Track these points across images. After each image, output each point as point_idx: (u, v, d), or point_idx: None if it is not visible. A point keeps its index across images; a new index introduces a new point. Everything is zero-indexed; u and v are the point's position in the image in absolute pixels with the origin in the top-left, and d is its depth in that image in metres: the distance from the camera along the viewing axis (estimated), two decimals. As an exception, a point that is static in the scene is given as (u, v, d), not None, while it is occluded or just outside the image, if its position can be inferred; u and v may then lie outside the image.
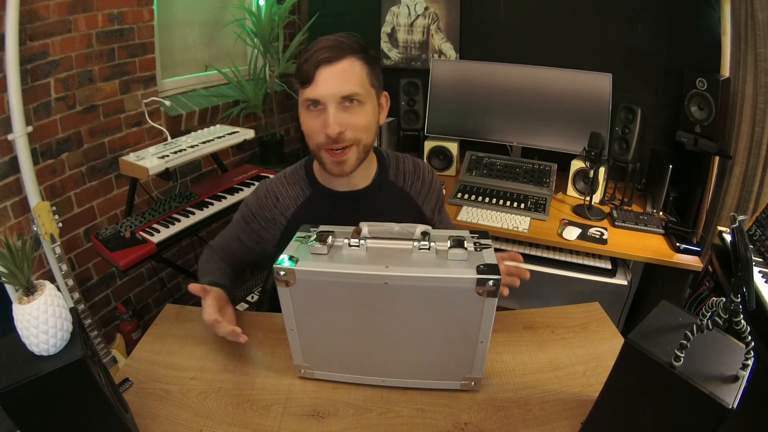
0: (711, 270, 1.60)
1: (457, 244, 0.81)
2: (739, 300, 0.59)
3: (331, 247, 0.84)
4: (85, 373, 0.66)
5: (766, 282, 1.28)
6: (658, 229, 1.81)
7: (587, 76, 2.05)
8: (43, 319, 0.64)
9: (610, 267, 1.82)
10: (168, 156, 1.67)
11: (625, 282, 1.79)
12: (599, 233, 1.80)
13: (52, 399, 0.66)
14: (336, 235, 0.86)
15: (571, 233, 1.79)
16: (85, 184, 1.79)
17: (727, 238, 1.52)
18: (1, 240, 0.65)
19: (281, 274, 0.79)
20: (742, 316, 0.60)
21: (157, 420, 0.84)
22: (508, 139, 2.26)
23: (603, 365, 0.95)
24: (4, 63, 1.40)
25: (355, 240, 0.83)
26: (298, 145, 2.92)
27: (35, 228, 1.42)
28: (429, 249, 0.82)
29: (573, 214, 1.97)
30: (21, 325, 0.65)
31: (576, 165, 2.06)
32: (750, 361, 0.61)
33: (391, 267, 0.77)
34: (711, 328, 0.61)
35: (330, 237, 0.84)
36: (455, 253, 0.79)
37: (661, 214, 1.90)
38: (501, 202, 1.99)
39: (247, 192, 1.92)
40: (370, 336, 0.85)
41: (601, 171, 1.96)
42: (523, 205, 1.97)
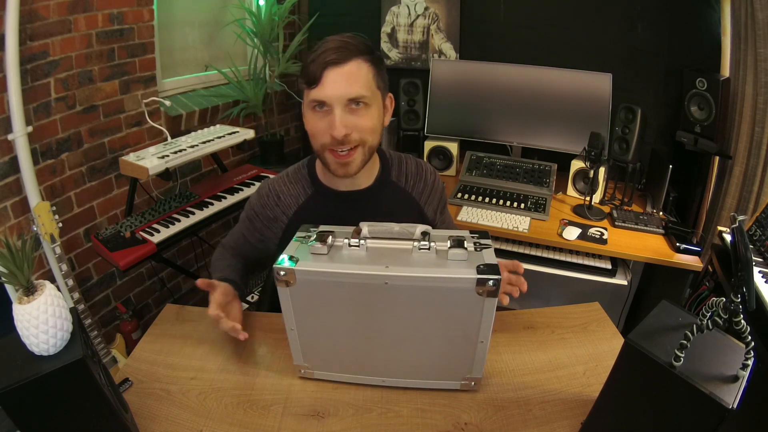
0: (711, 270, 1.60)
1: (457, 244, 0.81)
2: (739, 300, 0.59)
3: (331, 247, 0.84)
4: (85, 373, 0.66)
5: (766, 282, 1.28)
6: (658, 229, 1.81)
7: (587, 76, 2.05)
8: (43, 319, 0.64)
9: (610, 267, 1.82)
10: (168, 156, 1.67)
11: (625, 282, 1.79)
12: (599, 233, 1.80)
13: (52, 399, 0.66)
14: (336, 235, 0.86)
15: (571, 233, 1.79)
16: (85, 184, 1.79)
17: (727, 238, 1.52)
18: (1, 240, 0.65)
19: (281, 274, 0.79)
20: (742, 316, 0.60)
21: (157, 420, 0.84)
22: (508, 139, 2.26)
23: (603, 365, 0.95)
24: (4, 63, 1.40)
25: (355, 240, 0.83)
26: (298, 145, 2.92)
27: (35, 228, 1.42)
28: (429, 249, 0.82)
29: (573, 214, 1.97)
30: (21, 325, 0.65)
31: (576, 165, 2.06)
32: (750, 361, 0.61)
33: (391, 267, 0.77)
34: (711, 328, 0.61)
35: (330, 237, 0.84)
36: (455, 253, 0.79)
37: (661, 214, 1.90)
38: (501, 202, 1.99)
39: (247, 192, 1.92)
40: (370, 336, 0.85)
41: (601, 171, 1.96)
42: (523, 205, 1.97)
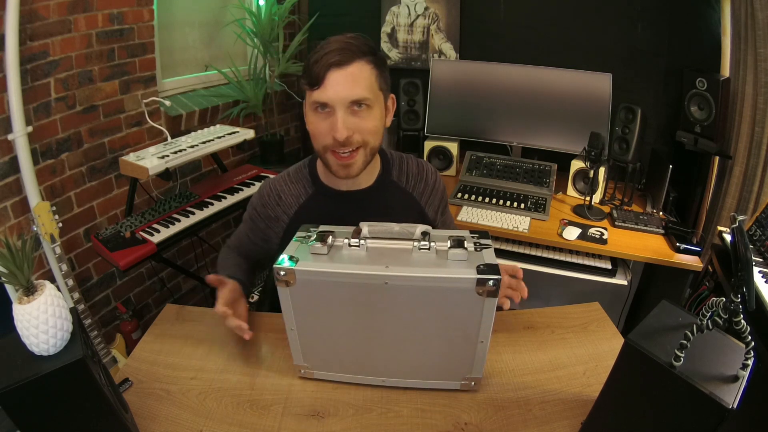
0: (711, 270, 1.60)
1: (457, 244, 0.81)
2: (739, 300, 0.59)
3: (331, 247, 0.84)
4: (85, 373, 0.66)
5: (766, 282, 1.28)
6: (658, 229, 1.81)
7: (587, 76, 2.05)
8: (43, 319, 0.64)
9: (610, 267, 1.82)
10: (168, 156, 1.67)
11: (625, 282, 1.79)
12: (599, 233, 1.80)
13: (52, 399, 0.66)
14: (336, 235, 0.86)
15: (571, 233, 1.79)
16: (85, 184, 1.79)
17: (727, 238, 1.52)
18: (1, 240, 0.65)
19: (281, 274, 0.79)
20: (742, 316, 0.60)
21: (157, 420, 0.84)
22: (508, 139, 2.26)
23: (603, 365, 0.95)
24: (4, 63, 1.40)
25: (355, 240, 0.83)
26: (298, 145, 2.92)
27: (35, 228, 1.42)
28: (429, 249, 0.82)
29: (573, 214, 1.97)
30: (21, 325, 0.65)
31: (576, 165, 2.06)
32: (750, 361, 0.61)
33: (391, 267, 0.77)
34: (711, 328, 0.61)
35: (330, 237, 0.84)
36: (455, 253, 0.79)
37: (661, 214, 1.90)
38: (501, 202, 1.99)
39: (247, 192, 1.92)
40: (370, 336, 0.85)
41: (601, 171, 1.96)
42: (523, 205, 1.97)
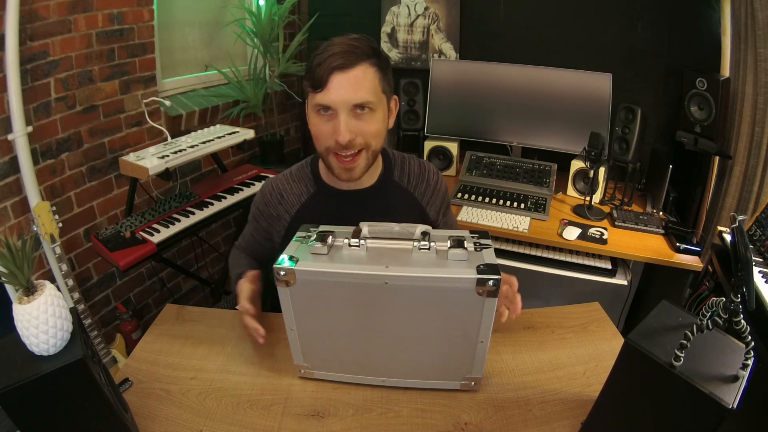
0: (711, 270, 1.60)
1: (457, 244, 0.81)
2: (739, 300, 0.59)
3: (331, 247, 0.84)
4: (85, 373, 0.66)
5: (766, 282, 1.28)
6: (658, 229, 1.81)
7: (587, 76, 2.05)
8: (43, 319, 0.64)
9: (610, 267, 1.82)
10: (168, 156, 1.67)
11: (625, 282, 1.79)
12: (599, 233, 1.79)
13: (52, 399, 0.66)
14: (336, 235, 0.86)
15: (571, 233, 1.79)
16: (85, 184, 1.79)
17: (727, 238, 1.52)
18: (1, 240, 0.65)
19: (281, 274, 0.79)
20: (742, 316, 0.60)
21: (157, 420, 0.84)
22: (508, 139, 2.26)
23: (603, 365, 0.95)
24: (4, 63, 1.40)
25: (355, 240, 0.83)
26: (298, 145, 2.92)
27: (35, 228, 1.42)
28: (429, 249, 0.82)
29: (573, 214, 1.97)
30: (21, 325, 0.65)
31: (576, 165, 2.06)
32: (750, 361, 0.61)
33: (391, 267, 0.77)
34: (711, 328, 0.61)
35: (330, 237, 0.84)
36: (455, 253, 0.79)
37: (661, 214, 1.90)
38: (501, 202, 1.99)
39: (247, 192, 1.92)
40: (370, 336, 0.85)
41: (601, 171, 1.96)
42: (523, 205, 1.96)
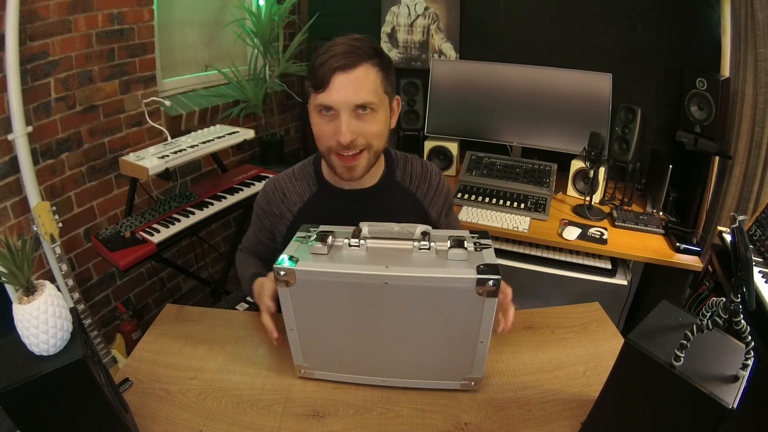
0: (711, 270, 1.60)
1: (457, 244, 0.81)
2: (739, 300, 0.59)
3: (331, 247, 0.84)
4: (85, 373, 0.66)
5: (766, 282, 1.28)
6: (658, 229, 1.81)
7: (587, 76, 2.05)
8: (43, 319, 0.64)
9: (610, 267, 1.82)
10: (168, 156, 1.67)
11: (625, 282, 1.79)
12: (599, 233, 1.79)
13: (52, 399, 0.66)
14: (336, 235, 0.86)
15: (571, 233, 1.79)
16: (85, 184, 1.79)
17: (727, 238, 1.52)
18: (1, 240, 0.65)
19: (281, 274, 0.79)
20: (742, 316, 0.60)
21: (157, 420, 0.84)
22: (508, 139, 2.26)
23: (603, 365, 0.95)
24: (4, 63, 1.40)
25: (355, 240, 0.83)
26: (298, 145, 2.92)
27: (35, 228, 1.42)
28: (429, 249, 0.82)
29: (573, 214, 1.97)
30: (21, 325, 0.65)
31: (576, 165, 2.06)
32: (750, 361, 0.61)
33: (391, 267, 0.77)
34: (711, 328, 0.61)
35: (330, 237, 0.84)
36: (455, 253, 0.79)
37: (661, 214, 1.90)
38: (501, 202, 1.99)
39: (247, 192, 1.92)
40: (370, 336, 0.85)
41: (601, 171, 1.96)
42: (523, 205, 1.96)
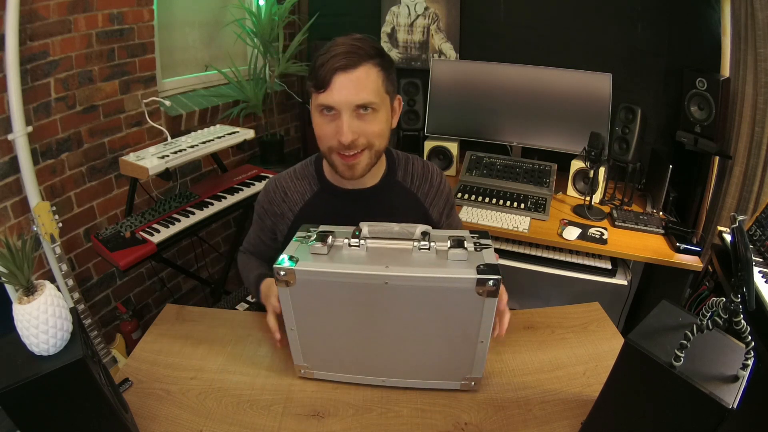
0: (711, 270, 1.60)
1: (457, 244, 0.81)
2: (739, 300, 0.59)
3: (331, 247, 0.84)
4: (85, 373, 0.66)
5: (766, 282, 1.28)
6: (658, 229, 1.81)
7: (587, 76, 2.05)
8: (43, 319, 0.64)
9: (610, 267, 1.82)
10: (168, 156, 1.67)
11: (625, 282, 1.79)
12: (599, 233, 1.79)
13: (52, 399, 0.66)
14: (336, 235, 0.86)
15: (571, 233, 1.79)
16: (85, 184, 1.79)
17: (727, 238, 1.52)
18: (1, 240, 0.65)
19: (281, 274, 0.79)
20: (742, 316, 0.60)
21: (157, 420, 0.84)
22: (508, 139, 2.26)
23: (603, 365, 0.95)
24: (4, 63, 1.40)
25: (355, 240, 0.83)
26: (298, 145, 2.92)
27: (35, 228, 1.42)
28: (429, 249, 0.82)
29: (573, 214, 1.97)
30: (21, 325, 0.65)
31: (576, 165, 2.06)
32: (750, 361, 0.61)
33: (391, 267, 0.77)
34: (711, 328, 0.61)
35: (330, 237, 0.84)
36: (455, 253, 0.79)
37: (661, 214, 1.90)
38: (501, 202, 1.99)
39: (247, 192, 1.92)
40: (370, 336, 0.85)
41: (601, 171, 1.96)
42: (523, 205, 1.96)
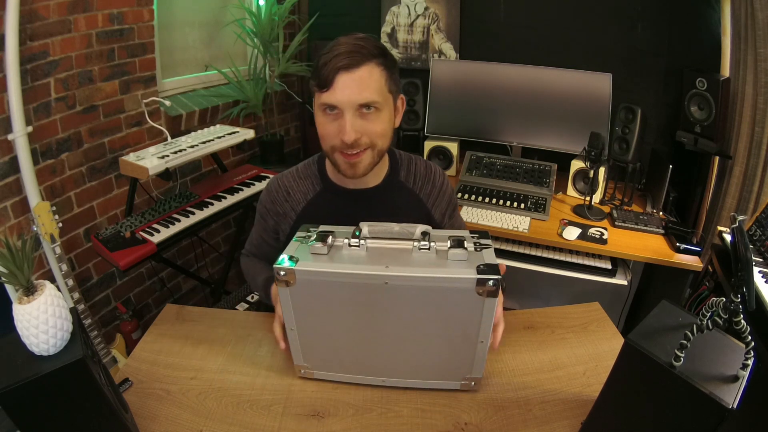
0: (711, 270, 1.60)
1: (457, 244, 0.81)
2: (739, 300, 0.59)
3: (331, 247, 0.84)
4: (85, 373, 0.66)
5: (766, 282, 1.28)
6: (658, 229, 1.81)
7: (587, 76, 2.05)
8: (43, 319, 0.64)
9: (610, 267, 1.82)
10: (168, 156, 1.67)
11: (625, 282, 1.79)
12: (599, 233, 1.79)
13: (52, 399, 0.66)
14: (336, 235, 0.86)
15: (571, 233, 1.79)
16: (85, 184, 1.79)
17: (727, 238, 1.52)
18: (1, 240, 0.65)
19: (281, 274, 0.79)
20: (742, 316, 0.60)
21: (157, 420, 0.84)
22: (508, 139, 2.26)
23: (603, 365, 0.95)
24: (4, 63, 1.40)
25: (355, 240, 0.83)
26: (298, 145, 2.92)
27: (35, 228, 1.42)
28: (429, 249, 0.82)
29: (573, 214, 1.97)
30: (21, 325, 0.65)
31: (576, 165, 2.06)
32: (750, 361, 0.61)
33: (391, 267, 0.77)
34: (711, 328, 0.61)
35: (330, 237, 0.84)
36: (455, 253, 0.79)
37: (661, 214, 1.90)
38: (501, 202, 1.99)
39: (247, 192, 1.92)
40: (370, 336, 0.85)
41: (601, 171, 1.96)
42: (523, 205, 1.96)
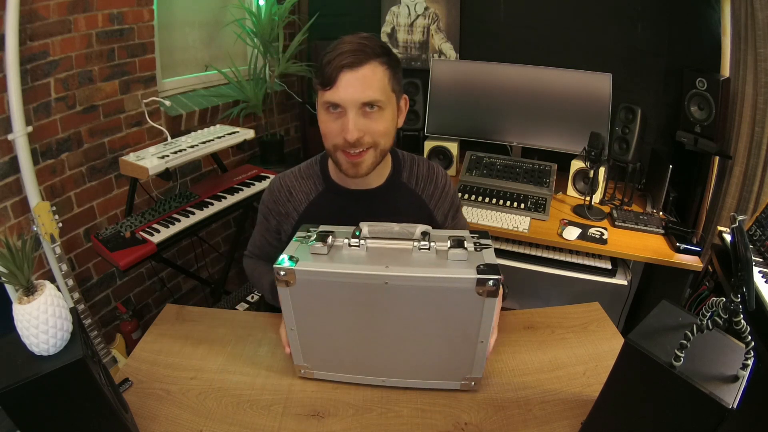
0: (711, 270, 1.60)
1: (457, 244, 0.81)
2: (739, 300, 0.59)
3: (331, 247, 0.84)
4: (85, 373, 0.66)
5: (766, 282, 1.28)
6: (658, 229, 1.81)
7: (587, 76, 2.05)
8: (43, 319, 0.64)
9: (610, 267, 1.82)
10: (168, 156, 1.67)
11: (625, 282, 1.79)
12: (599, 233, 1.79)
13: (52, 399, 0.66)
14: (336, 234, 0.86)
15: (571, 233, 1.79)
16: (85, 184, 1.79)
17: (727, 238, 1.52)
18: (1, 240, 0.65)
19: (281, 274, 0.79)
20: (742, 316, 0.60)
21: (157, 420, 0.84)
22: (508, 139, 2.26)
23: (603, 365, 0.95)
24: (4, 63, 1.40)
25: (355, 240, 0.83)
26: (298, 145, 2.92)
27: (35, 228, 1.42)
28: (429, 249, 0.82)
29: (573, 214, 1.97)
30: (21, 325, 0.65)
31: (576, 165, 2.06)
32: (750, 361, 0.61)
33: (391, 267, 0.77)
34: (711, 328, 0.61)
35: (330, 237, 0.84)
36: (455, 253, 0.79)
37: (661, 214, 1.90)
38: (501, 202, 1.99)
39: (247, 192, 1.92)
40: (370, 336, 0.85)
41: (601, 171, 1.96)
42: (523, 205, 1.97)
